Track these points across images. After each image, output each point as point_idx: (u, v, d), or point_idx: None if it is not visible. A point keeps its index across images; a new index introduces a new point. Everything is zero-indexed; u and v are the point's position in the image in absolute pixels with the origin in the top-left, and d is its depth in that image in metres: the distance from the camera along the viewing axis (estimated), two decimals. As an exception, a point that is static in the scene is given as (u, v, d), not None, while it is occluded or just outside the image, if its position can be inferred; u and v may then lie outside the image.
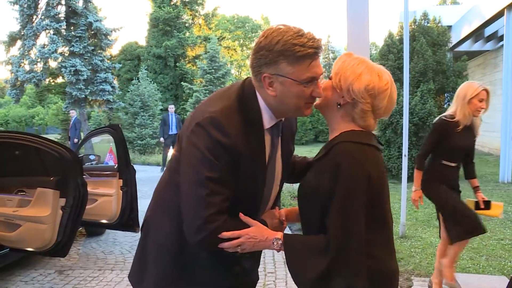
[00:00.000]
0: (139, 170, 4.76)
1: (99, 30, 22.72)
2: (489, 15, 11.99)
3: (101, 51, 23.49)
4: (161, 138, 14.12)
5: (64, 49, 22.62)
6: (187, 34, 33.52)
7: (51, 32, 22.14)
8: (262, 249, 1.56)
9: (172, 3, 33.45)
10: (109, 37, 23.56)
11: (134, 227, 4.79)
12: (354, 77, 1.50)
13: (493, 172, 10.67)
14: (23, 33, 22.42)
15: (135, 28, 80.00)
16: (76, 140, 14.62)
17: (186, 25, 34.61)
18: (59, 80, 26.24)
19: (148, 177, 11.44)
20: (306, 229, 1.62)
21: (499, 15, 11.11)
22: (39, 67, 22.58)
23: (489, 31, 13.85)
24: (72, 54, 22.14)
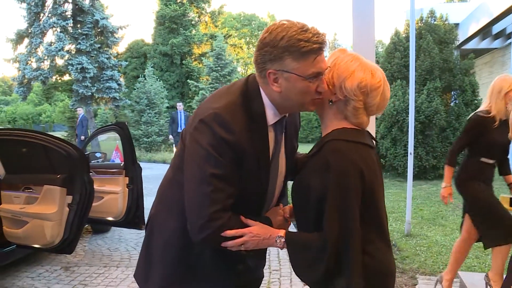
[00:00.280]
0: (145, 167, 4.78)
1: (106, 27, 22.79)
2: (497, 12, 11.90)
3: (107, 48, 23.56)
4: (170, 136, 14.10)
5: (71, 47, 22.72)
6: (193, 32, 33.53)
7: (58, 30, 22.24)
8: (266, 247, 1.57)
9: (178, 1, 33.46)
10: (115, 35, 23.63)
11: (139, 224, 4.80)
12: (347, 74, 1.49)
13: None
14: (30, 31, 22.54)
15: (141, 26, 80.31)
16: (83, 138, 14.68)
17: (192, 22, 34.62)
18: (66, 77, 26.35)
19: (154, 175, 11.47)
20: (301, 226, 1.62)
21: (507, 12, 11.02)
22: (46, 64, 22.69)
23: (497, 28, 13.73)
24: (79, 51, 22.23)
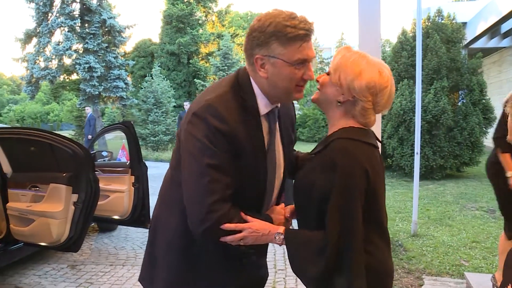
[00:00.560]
0: (151, 166, 4.80)
1: (113, 27, 22.90)
2: (506, 11, 11.79)
3: (114, 48, 23.68)
4: None
5: (78, 46, 22.87)
6: (200, 31, 33.59)
7: (66, 29, 22.39)
8: (264, 242, 1.57)
9: (185, 0, 33.53)
10: (122, 34, 23.74)
11: (145, 223, 4.81)
12: (355, 74, 1.48)
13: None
14: (38, 30, 22.71)
15: (148, 25, 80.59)
16: (90, 137, 14.74)
17: (200, 22, 34.69)
18: (73, 77, 26.48)
19: (161, 174, 11.42)
20: (302, 223, 1.61)
21: (516, 11, 10.93)
22: (54, 64, 22.85)
23: (505, 27, 13.59)
24: (86, 51, 22.35)
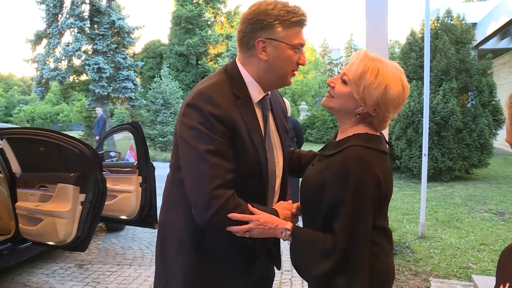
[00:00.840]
0: (160, 167, 4.80)
1: (122, 28, 23.00)
2: (516, 11, 11.72)
3: (123, 49, 23.76)
4: None
5: (88, 47, 22.98)
6: (209, 32, 33.64)
7: (75, 30, 22.52)
8: (270, 236, 1.57)
9: (194, 1, 33.62)
10: (131, 35, 23.82)
11: (152, 223, 4.83)
12: (380, 91, 1.46)
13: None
14: (48, 31, 22.86)
15: (157, 26, 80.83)
16: (98, 138, 14.81)
17: (208, 23, 34.74)
18: (83, 77, 26.65)
19: (169, 174, 11.54)
20: (308, 222, 1.61)
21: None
22: (63, 65, 22.99)
23: (516, 28, 13.52)
24: (95, 52, 22.46)
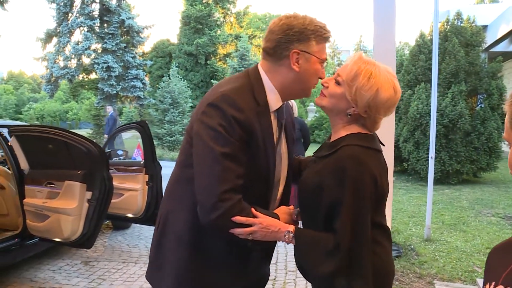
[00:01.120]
0: (167, 166, 4.79)
1: (131, 27, 23.15)
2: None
3: (133, 48, 23.93)
4: None
5: (97, 46, 23.18)
6: (218, 32, 33.74)
7: (85, 29, 22.72)
8: (272, 239, 1.59)
9: (204, 1, 33.72)
10: (141, 35, 23.97)
11: (158, 222, 4.85)
12: (372, 93, 1.49)
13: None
14: (58, 30, 23.09)
15: (167, 26, 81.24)
16: (106, 136, 14.88)
17: (218, 23, 34.83)
18: (92, 76, 26.84)
19: (176, 173, 11.57)
20: (308, 224, 1.63)
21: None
22: (73, 63, 23.22)
23: (528, 31, 13.37)
24: (105, 50, 22.63)
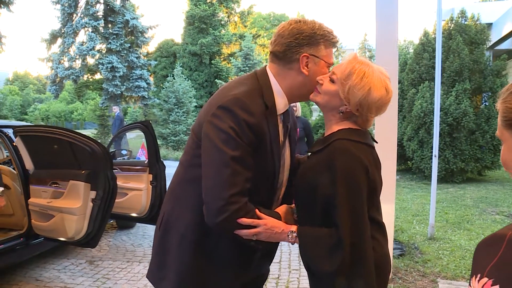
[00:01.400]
0: (172, 165, 4.80)
1: (136, 27, 23.21)
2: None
3: (137, 48, 23.99)
4: None
5: (102, 46, 23.26)
6: (222, 32, 33.71)
7: (90, 30, 22.81)
8: (276, 240, 1.62)
9: (208, 1, 33.70)
10: (145, 35, 24.03)
11: (162, 221, 4.87)
12: (364, 93, 1.53)
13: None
14: (63, 31, 23.19)
15: (171, 26, 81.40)
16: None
17: (222, 22, 34.80)
18: (96, 76, 26.95)
19: (180, 173, 11.59)
20: (306, 221, 1.64)
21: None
22: (77, 64, 23.32)
23: (533, 28, 13.28)
24: (109, 51, 22.70)
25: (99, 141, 4.00)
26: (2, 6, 19.88)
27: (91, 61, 23.61)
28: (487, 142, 9.47)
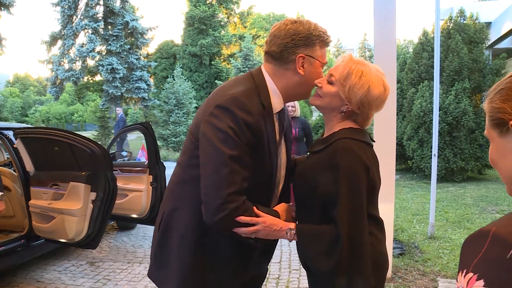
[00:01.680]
0: (172, 167, 4.84)
1: (136, 29, 23.25)
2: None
3: (137, 49, 24.02)
4: None
5: (102, 48, 23.30)
6: (222, 33, 33.74)
7: (90, 31, 22.84)
8: (275, 238, 1.63)
9: (207, 2, 33.73)
10: (145, 36, 24.07)
11: (162, 222, 4.88)
12: (364, 91, 1.58)
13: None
14: (63, 33, 23.23)
15: (171, 27, 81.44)
16: (119, 138, 14.80)
17: (222, 23, 34.84)
18: (97, 78, 26.97)
19: (180, 174, 11.59)
20: (306, 219, 1.66)
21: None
22: (77, 65, 23.35)
23: (532, 27, 13.27)
24: (109, 52, 22.74)
25: (99, 142, 4.00)
26: (2, 8, 19.94)
27: (91, 62, 23.67)
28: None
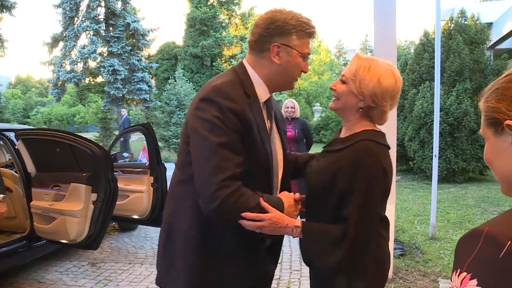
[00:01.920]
0: (173, 168, 4.90)
1: (137, 30, 23.29)
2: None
3: (138, 51, 24.07)
4: None
5: (103, 50, 23.35)
6: (223, 34, 33.79)
7: (91, 33, 22.88)
8: (280, 234, 1.63)
9: (209, 3, 33.80)
10: (146, 37, 24.11)
11: (163, 222, 4.88)
12: (374, 82, 1.60)
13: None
14: (65, 34, 23.28)
15: (172, 28, 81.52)
16: (122, 139, 14.76)
17: (223, 24, 34.90)
18: (98, 79, 27.01)
19: (182, 175, 11.59)
20: (317, 217, 1.67)
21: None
22: (79, 67, 23.38)
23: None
24: (111, 54, 22.78)
25: (101, 144, 4.02)
26: (4, 10, 20.00)
27: (92, 64, 23.72)
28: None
